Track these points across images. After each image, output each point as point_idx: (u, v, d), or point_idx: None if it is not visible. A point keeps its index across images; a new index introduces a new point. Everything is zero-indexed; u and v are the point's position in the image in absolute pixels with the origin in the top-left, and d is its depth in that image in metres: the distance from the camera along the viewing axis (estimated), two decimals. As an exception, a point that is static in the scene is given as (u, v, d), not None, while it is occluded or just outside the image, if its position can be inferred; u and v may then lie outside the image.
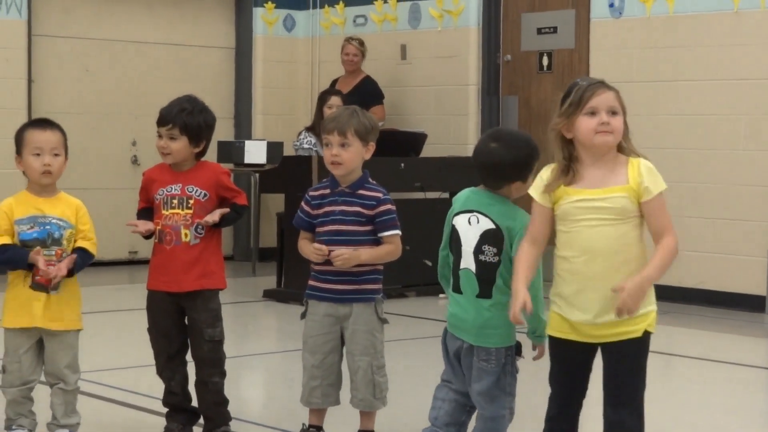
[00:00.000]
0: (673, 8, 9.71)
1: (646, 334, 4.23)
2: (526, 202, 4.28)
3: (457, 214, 4.44)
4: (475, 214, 4.44)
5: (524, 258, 4.28)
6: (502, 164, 4.44)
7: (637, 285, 4.03)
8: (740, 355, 7.80)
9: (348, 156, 4.98)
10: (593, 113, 4.13)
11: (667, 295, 7.79)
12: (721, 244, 9.45)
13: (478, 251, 4.40)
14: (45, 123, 5.25)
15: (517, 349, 4.40)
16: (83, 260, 5.12)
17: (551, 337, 4.35)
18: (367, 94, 10.79)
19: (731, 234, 9.42)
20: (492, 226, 4.37)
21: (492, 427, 4.40)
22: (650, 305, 4.23)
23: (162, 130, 5.29)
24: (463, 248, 4.43)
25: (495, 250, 4.35)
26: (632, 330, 4.22)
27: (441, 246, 4.54)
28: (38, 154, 5.07)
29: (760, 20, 9.32)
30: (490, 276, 4.43)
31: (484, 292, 4.41)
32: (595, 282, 4.20)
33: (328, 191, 5.10)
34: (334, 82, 11.13)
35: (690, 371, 7.44)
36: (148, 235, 5.38)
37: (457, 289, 4.48)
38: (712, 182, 9.47)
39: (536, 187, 4.28)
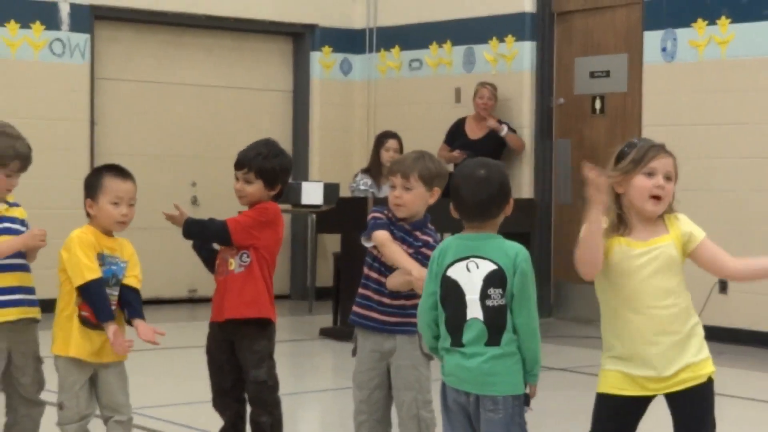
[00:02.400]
0: (726, 53, 9.70)
1: (711, 380, 4.23)
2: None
3: (450, 265, 4.22)
4: (471, 259, 4.22)
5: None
6: (501, 194, 4.28)
7: None
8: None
9: (410, 198, 4.98)
10: (651, 174, 4.14)
11: (717, 336, 7.71)
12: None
13: (484, 297, 4.18)
14: (124, 173, 5.27)
15: (526, 400, 4.21)
16: (139, 301, 5.20)
17: (611, 397, 4.25)
18: (500, 138, 10.77)
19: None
20: (494, 267, 4.18)
21: None
22: (707, 350, 4.24)
23: (238, 173, 5.35)
24: (467, 298, 4.20)
25: (501, 291, 4.16)
26: (706, 369, 4.24)
27: (427, 307, 4.29)
28: (117, 204, 5.13)
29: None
30: (501, 321, 4.22)
31: (493, 339, 4.19)
32: (665, 333, 4.21)
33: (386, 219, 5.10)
34: (461, 121, 11.04)
35: (743, 412, 7.39)
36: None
37: (458, 344, 4.23)
38: (765, 223, 9.40)
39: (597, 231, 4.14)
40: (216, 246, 5.50)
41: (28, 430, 5.35)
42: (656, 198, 4.11)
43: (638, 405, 4.25)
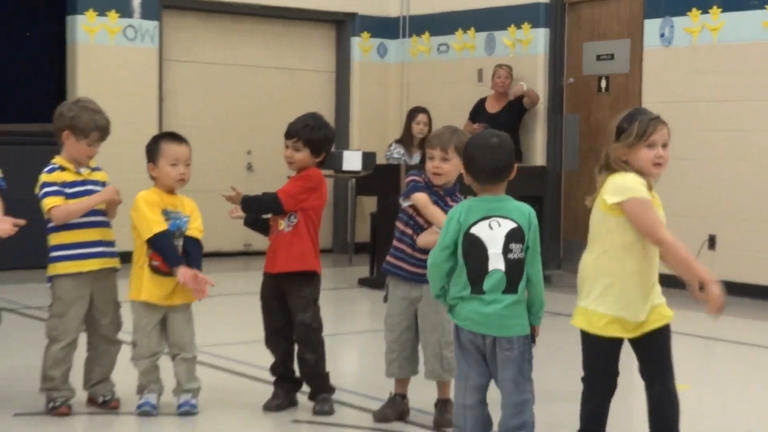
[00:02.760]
0: (717, 38, 9.65)
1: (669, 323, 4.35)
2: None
3: (473, 224, 4.24)
4: (494, 219, 4.26)
5: (682, 245, 4.25)
6: (510, 160, 4.37)
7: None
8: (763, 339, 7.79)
9: (448, 168, 5.02)
10: (652, 146, 4.19)
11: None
12: (757, 242, 9.37)
13: (506, 251, 4.22)
14: (179, 137, 5.36)
15: (532, 338, 4.28)
16: (199, 251, 5.29)
17: (598, 338, 4.31)
18: (515, 111, 10.81)
19: (754, 227, 9.35)
20: (514, 225, 4.24)
21: (519, 412, 4.26)
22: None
23: (288, 142, 5.37)
24: (489, 252, 4.23)
25: (520, 246, 4.23)
26: (667, 313, 4.35)
27: (442, 260, 4.30)
28: (175, 165, 5.19)
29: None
30: (519, 272, 4.28)
31: (511, 288, 4.25)
32: (649, 281, 4.30)
33: (423, 183, 5.12)
34: (481, 102, 11.01)
35: (727, 353, 7.40)
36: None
37: (479, 292, 4.25)
38: (749, 187, 9.40)
39: (644, 191, 4.22)
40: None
41: (106, 365, 5.39)
42: (658, 165, 4.19)
43: (618, 347, 4.34)
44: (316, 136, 5.37)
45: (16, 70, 10.59)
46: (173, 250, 5.13)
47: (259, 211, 5.46)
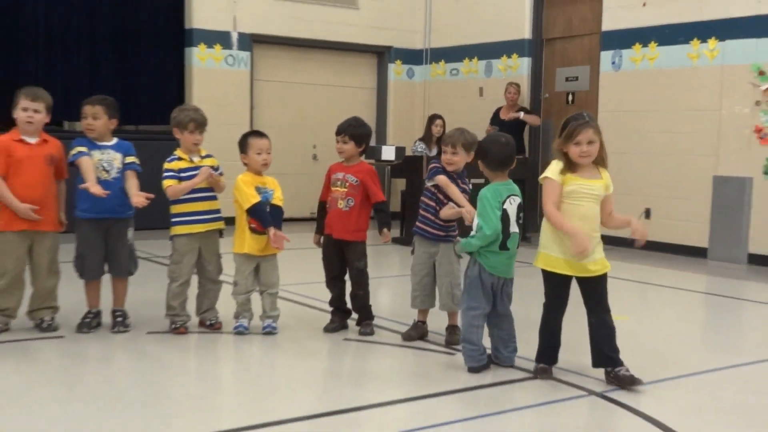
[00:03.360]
0: (653, 65, 9.54)
1: (607, 272, 4.42)
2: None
3: (504, 201, 4.47)
4: (511, 197, 4.50)
5: (560, 214, 4.32)
6: (513, 154, 4.63)
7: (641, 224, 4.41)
8: (689, 285, 7.69)
9: (457, 159, 5.02)
10: (578, 143, 4.22)
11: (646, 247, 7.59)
12: (683, 213, 9.28)
13: (517, 218, 4.51)
14: (261, 133, 5.44)
15: None
16: (281, 216, 5.31)
17: (552, 274, 4.41)
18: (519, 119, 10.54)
19: (681, 203, 9.24)
20: (520, 200, 4.53)
21: (511, 318, 4.65)
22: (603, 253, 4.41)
23: (338, 137, 5.40)
24: (511, 220, 4.49)
25: (522, 214, 4.54)
26: (605, 266, 4.39)
27: (494, 227, 4.45)
28: (259, 153, 5.23)
29: (709, 71, 9.08)
30: (522, 233, 4.66)
31: (519, 244, 4.61)
32: (588, 236, 4.27)
33: (442, 168, 5.11)
34: (498, 110, 10.73)
35: (658, 294, 7.33)
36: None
37: (504, 248, 4.48)
38: (676, 172, 9.28)
39: (555, 173, 4.32)
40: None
41: (211, 298, 5.48)
42: (583, 157, 4.24)
43: (568, 282, 4.44)
44: (357, 132, 5.38)
45: (150, 86, 10.64)
46: (266, 216, 5.18)
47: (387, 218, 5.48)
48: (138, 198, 5.08)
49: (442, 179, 5.01)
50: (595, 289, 4.36)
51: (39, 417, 3.82)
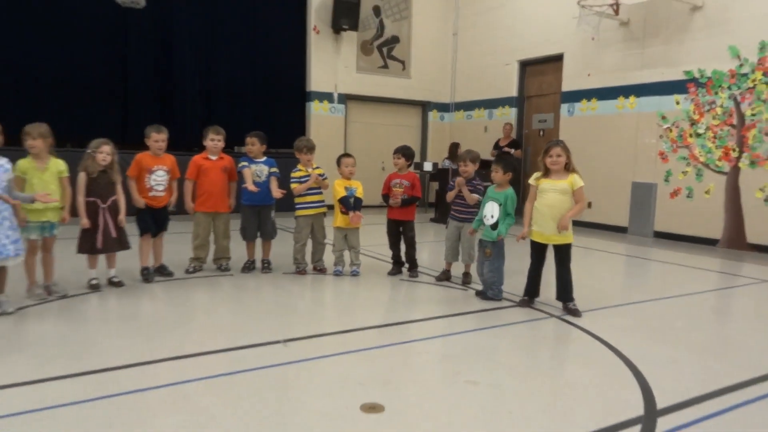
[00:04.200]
0: (595, 112, 9.27)
1: (569, 243, 4.26)
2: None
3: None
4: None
5: (530, 208, 4.27)
6: (513, 168, 4.59)
7: (566, 218, 4.11)
8: (615, 248, 7.49)
9: (467, 169, 4.98)
10: (550, 156, 4.14)
11: (583, 225, 7.44)
12: (606, 203, 9.05)
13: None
14: (349, 154, 5.36)
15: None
16: (361, 203, 5.21)
17: (534, 241, 4.30)
18: (515, 144, 10.22)
19: (612, 198, 9.01)
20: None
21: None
22: (570, 231, 4.24)
23: (395, 156, 5.35)
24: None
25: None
26: (567, 239, 4.23)
27: (514, 209, 4.50)
28: (347, 167, 5.20)
29: (629, 116, 8.78)
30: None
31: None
32: (553, 218, 4.19)
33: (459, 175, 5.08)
34: (498, 140, 10.34)
35: (593, 257, 7.18)
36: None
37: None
38: (614, 185, 9.03)
39: (533, 179, 4.28)
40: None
41: (320, 252, 5.45)
42: (553, 164, 4.15)
43: (544, 247, 4.30)
44: (407, 153, 5.34)
45: (286, 125, 10.57)
46: (348, 204, 5.15)
47: (413, 202, 5.31)
48: (276, 193, 5.17)
49: (459, 181, 4.99)
50: (560, 252, 4.28)
51: (220, 321, 3.93)
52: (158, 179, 4.87)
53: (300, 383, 2.91)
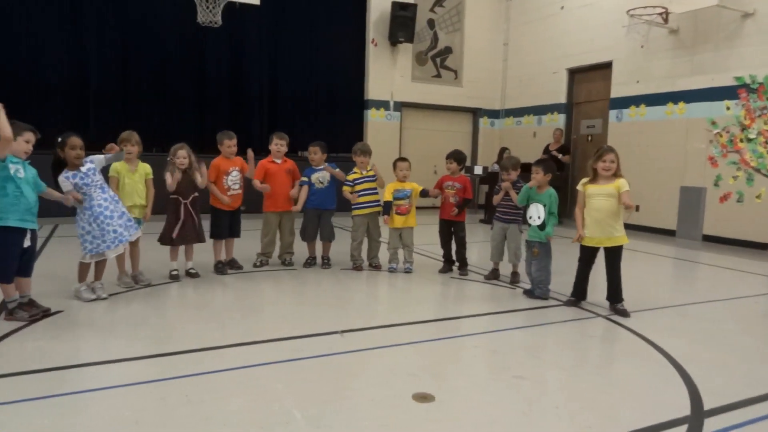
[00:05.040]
0: (644, 117, 8.92)
1: (621, 245, 4.12)
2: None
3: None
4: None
5: (580, 212, 4.15)
6: (554, 169, 4.52)
7: (626, 196, 3.95)
8: (663, 251, 7.18)
9: (511, 176, 4.91)
10: (603, 161, 3.99)
11: (631, 228, 7.19)
12: (655, 206, 8.69)
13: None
14: (404, 158, 5.34)
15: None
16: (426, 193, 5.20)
17: (584, 246, 4.17)
18: (564, 149, 9.93)
19: (661, 201, 8.64)
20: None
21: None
22: (623, 234, 4.07)
23: (447, 161, 5.29)
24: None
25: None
26: (620, 240, 4.09)
27: (556, 208, 4.41)
28: (401, 170, 5.19)
29: (678, 122, 8.39)
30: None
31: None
32: (601, 222, 4.05)
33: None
34: (548, 145, 10.08)
35: (642, 259, 6.90)
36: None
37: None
38: (655, 180, 8.65)
39: (580, 185, 4.15)
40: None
41: (375, 249, 5.45)
42: (606, 170, 4.00)
43: (594, 251, 4.17)
44: (459, 157, 5.28)
45: (345, 132, 10.62)
46: (388, 208, 5.12)
47: (466, 206, 5.25)
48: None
49: (506, 185, 4.93)
50: (611, 254, 4.12)
51: (283, 311, 4.01)
52: (233, 179, 5.03)
53: (355, 372, 2.93)
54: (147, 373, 2.80)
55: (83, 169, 3.87)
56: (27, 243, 3.50)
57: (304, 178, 5.36)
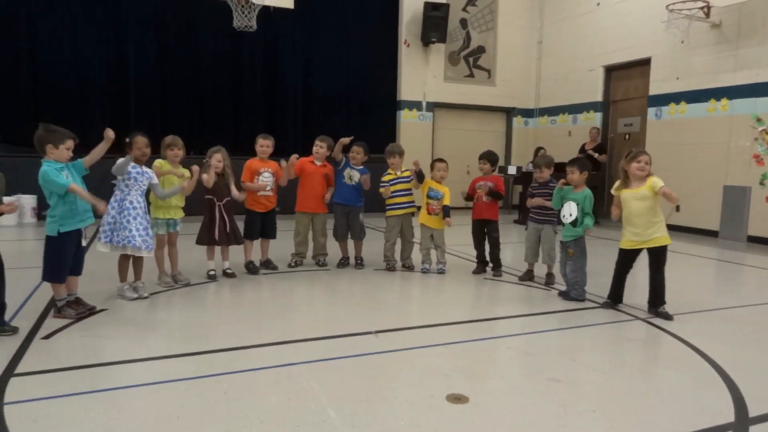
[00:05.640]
0: (684, 115, 8.66)
1: (665, 246, 4.00)
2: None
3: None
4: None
5: (615, 213, 4.09)
6: (589, 168, 4.41)
7: (668, 189, 3.84)
8: (706, 252, 6.95)
9: (544, 174, 4.87)
10: (638, 161, 3.93)
11: (679, 229, 7.01)
12: (696, 206, 8.43)
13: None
14: (442, 159, 5.32)
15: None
16: (449, 209, 5.18)
17: (623, 249, 4.08)
18: (601, 148, 9.70)
19: (703, 201, 8.37)
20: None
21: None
22: (666, 233, 3.95)
23: (480, 161, 5.27)
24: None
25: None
26: (664, 241, 4.00)
27: (592, 209, 4.32)
28: (438, 171, 5.17)
29: (721, 119, 8.12)
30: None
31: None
32: (640, 226, 3.97)
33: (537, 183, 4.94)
34: (584, 144, 9.91)
35: (684, 261, 6.71)
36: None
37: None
38: (698, 177, 8.38)
39: (614, 189, 4.11)
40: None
41: (408, 250, 5.42)
42: (641, 170, 3.93)
43: (634, 254, 4.08)
44: (492, 158, 5.26)
45: (379, 132, 10.60)
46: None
47: (499, 198, 5.22)
48: (366, 185, 5.29)
49: (536, 201, 4.86)
50: (655, 255, 4.03)
51: (318, 311, 4.05)
52: (265, 180, 5.11)
53: (390, 372, 2.94)
54: (186, 370, 2.86)
55: (144, 168, 4.07)
56: (84, 242, 3.62)
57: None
